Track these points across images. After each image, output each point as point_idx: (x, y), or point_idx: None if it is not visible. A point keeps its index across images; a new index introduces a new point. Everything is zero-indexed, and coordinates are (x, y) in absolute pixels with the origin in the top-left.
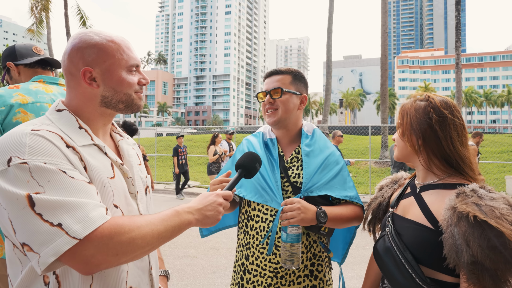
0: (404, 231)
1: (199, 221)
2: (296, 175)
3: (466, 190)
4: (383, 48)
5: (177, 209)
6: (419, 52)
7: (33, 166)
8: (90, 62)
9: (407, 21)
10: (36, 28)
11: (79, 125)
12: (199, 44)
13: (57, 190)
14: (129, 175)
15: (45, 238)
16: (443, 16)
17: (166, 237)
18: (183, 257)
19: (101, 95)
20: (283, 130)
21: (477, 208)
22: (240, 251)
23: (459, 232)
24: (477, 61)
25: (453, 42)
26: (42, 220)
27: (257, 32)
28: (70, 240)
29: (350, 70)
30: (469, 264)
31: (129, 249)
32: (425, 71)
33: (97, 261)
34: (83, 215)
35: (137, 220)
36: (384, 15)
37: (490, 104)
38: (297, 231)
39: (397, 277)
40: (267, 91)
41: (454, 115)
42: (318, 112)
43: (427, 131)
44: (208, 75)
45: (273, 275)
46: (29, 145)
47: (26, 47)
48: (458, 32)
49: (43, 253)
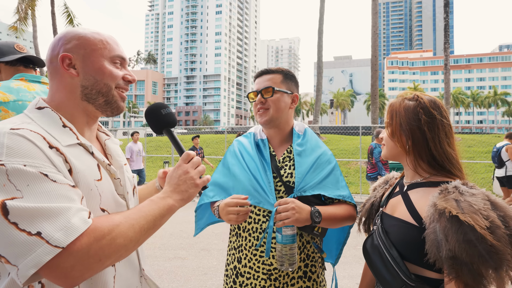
0: (391, 229)
1: (178, 201)
2: (289, 174)
3: (449, 187)
4: (374, 49)
5: (151, 198)
6: (408, 53)
7: (11, 169)
8: (69, 49)
9: (396, 23)
10: (20, 25)
11: (63, 124)
12: (189, 44)
13: (36, 195)
14: (117, 176)
15: (22, 250)
16: (431, 18)
17: (149, 228)
18: (174, 258)
19: (81, 85)
20: (274, 130)
21: (455, 204)
22: (232, 254)
23: (440, 228)
24: (465, 62)
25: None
26: (18, 230)
27: (248, 32)
28: (52, 250)
29: (340, 71)
30: (448, 259)
31: (112, 250)
32: (414, 72)
33: (79, 272)
34: (64, 222)
35: (115, 218)
36: (375, 16)
37: (477, 105)
38: (292, 231)
39: (384, 274)
40: (258, 91)
41: (442, 115)
42: (309, 112)
43: (416, 132)
44: (198, 75)
45: (267, 277)
46: (7, 146)
47: (8, 44)
48: (447, 34)
49: (22, 265)
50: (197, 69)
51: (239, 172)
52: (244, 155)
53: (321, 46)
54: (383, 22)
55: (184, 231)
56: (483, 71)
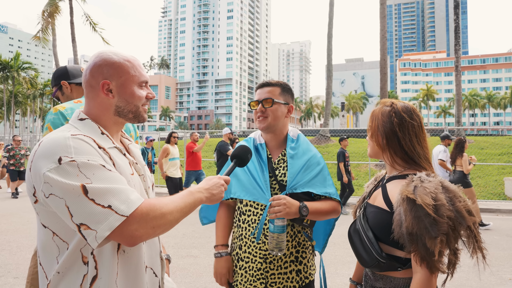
0: (370, 215)
1: (208, 198)
2: (283, 174)
3: (414, 177)
4: (382, 53)
5: (190, 190)
6: (421, 54)
7: (80, 163)
8: (108, 76)
9: (408, 24)
10: (42, 35)
11: (101, 131)
12: (201, 49)
13: (101, 180)
14: (141, 173)
15: (99, 218)
16: (444, 19)
17: (185, 212)
18: (187, 256)
19: (115, 105)
20: (271, 135)
21: (412, 189)
22: (234, 242)
23: (403, 210)
24: (480, 63)
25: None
26: (95, 204)
27: (259, 36)
28: (119, 218)
29: (352, 73)
30: (406, 235)
31: (162, 222)
32: (427, 74)
33: (140, 233)
34: (125, 198)
35: (163, 199)
36: (383, 20)
37: (493, 106)
38: (282, 223)
39: (362, 253)
40: (259, 101)
41: (412, 118)
42: (320, 115)
43: (389, 133)
44: (210, 79)
45: (263, 260)
46: (74, 147)
47: (76, 68)
48: (458, 36)
49: (100, 229)
50: (209, 73)
51: (240, 173)
52: None
53: (330, 50)
54: (395, 23)
55: (196, 231)
56: (499, 72)
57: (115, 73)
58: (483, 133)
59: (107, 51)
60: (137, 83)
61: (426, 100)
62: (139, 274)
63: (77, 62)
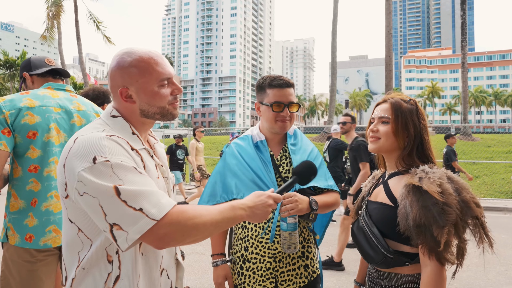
0: (373, 211)
1: (249, 217)
2: (286, 170)
3: (417, 170)
4: (388, 49)
5: (233, 204)
6: (426, 51)
7: (114, 163)
8: (125, 83)
9: (413, 20)
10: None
11: (132, 131)
12: (205, 47)
13: (132, 182)
14: (165, 175)
15: (131, 220)
16: (450, 15)
17: (221, 226)
18: (192, 254)
19: (139, 108)
20: (276, 134)
21: (417, 180)
22: (239, 244)
23: (408, 202)
24: (486, 59)
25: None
26: (127, 206)
27: (263, 33)
28: (150, 221)
29: (356, 71)
30: (414, 227)
31: (193, 232)
32: (433, 71)
33: (169, 238)
34: (156, 201)
35: (199, 208)
36: (388, 16)
37: (500, 103)
38: (294, 220)
39: (368, 250)
40: (285, 104)
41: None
42: (324, 113)
43: (418, 134)
44: (214, 77)
45: (272, 260)
46: (108, 147)
47: (40, 59)
48: (464, 32)
49: (131, 231)
50: (212, 71)
51: (242, 172)
52: (244, 156)
53: (335, 47)
54: (400, 20)
55: None
56: (506, 68)
57: (131, 78)
58: (489, 131)
59: (122, 52)
60: (158, 82)
61: (431, 98)
62: (155, 277)
63: (82, 60)
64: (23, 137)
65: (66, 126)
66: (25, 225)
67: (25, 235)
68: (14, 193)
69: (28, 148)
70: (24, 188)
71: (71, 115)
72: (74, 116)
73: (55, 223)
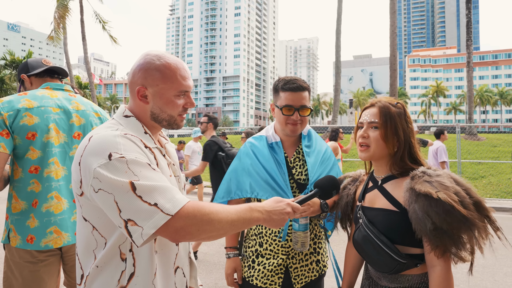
0: (375, 219)
1: (265, 221)
2: (299, 173)
3: (417, 172)
4: (392, 49)
5: (251, 206)
6: (430, 50)
7: (129, 159)
8: (146, 82)
9: (418, 19)
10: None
11: (144, 130)
12: (209, 46)
13: (147, 178)
14: (177, 174)
15: (146, 215)
16: (455, 14)
17: (237, 226)
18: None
19: (150, 110)
20: (288, 136)
21: (429, 185)
22: (254, 239)
23: (419, 207)
24: (492, 58)
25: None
26: (142, 201)
27: (267, 33)
28: (164, 216)
29: (360, 70)
30: (432, 231)
31: (208, 228)
32: (437, 70)
33: (184, 232)
34: (171, 197)
35: (215, 205)
36: (393, 15)
37: (505, 103)
38: (306, 221)
39: (378, 259)
40: (296, 108)
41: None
42: (328, 112)
43: (406, 137)
44: (218, 77)
45: (286, 256)
46: (123, 144)
47: (37, 60)
48: (469, 31)
49: (146, 226)
50: (216, 70)
51: (256, 172)
52: (259, 157)
53: (339, 46)
54: (404, 19)
55: None
56: (511, 67)
57: (153, 80)
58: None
59: (153, 53)
60: (177, 92)
61: (436, 97)
62: (169, 274)
63: (87, 59)
64: (22, 138)
65: (65, 126)
66: (27, 226)
67: (27, 237)
68: (15, 194)
69: (27, 149)
70: (25, 189)
71: (70, 115)
72: (73, 116)
73: (56, 224)
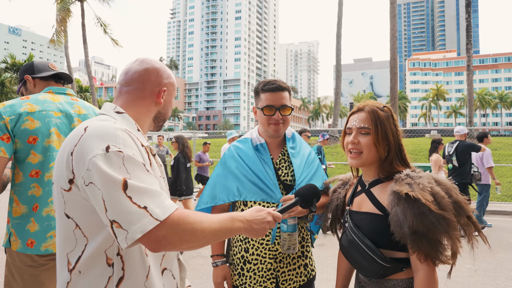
0: (361, 222)
1: (246, 230)
2: (285, 174)
3: (402, 176)
4: (392, 52)
5: (232, 215)
6: (430, 54)
7: (126, 155)
8: (166, 84)
9: (418, 23)
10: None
11: (137, 128)
12: (209, 50)
13: (139, 178)
14: (163, 175)
15: (133, 218)
16: (455, 17)
17: (219, 236)
18: (197, 257)
19: (158, 111)
20: (272, 137)
21: (408, 187)
22: (239, 245)
23: (400, 210)
24: (491, 62)
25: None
26: (132, 202)
27: (267, 36)
28: (153, 221)
29: (360, 73)
30: (410, 235)
31: (190, 238)
32: (437, 73)
33: (166, 241)
34: (160, 202)
35: (199, 215)
36: (393, 19)
37: (505, 106)
38: (294, 222)
39: (363, 263)
40: (276, 107)
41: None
42: (329, 115)
43: (396, 141)
44: (218, 80)
45: (273, 260)
46: (122, 138)
47: (43, 63)
48: (469, 34)
49: (131, 230)
50: (217, 74)
51: (243, 174)
52: (245, 159)
53: (339, 50)
54: (404, 23)
55: None
56: (511, 71)
57: (170, 83)
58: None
59: (165, 67)
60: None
61: (436, 100)
62: (156, 276)
63: (88, 63)
64: (23, 142)
65: (67, 131)
66: (27, 231)
67: (27, 241)
68: (16, 198)
69: (29, 154)
70: (26, 193)
71: (72, 120)
72: (75, 120)
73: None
